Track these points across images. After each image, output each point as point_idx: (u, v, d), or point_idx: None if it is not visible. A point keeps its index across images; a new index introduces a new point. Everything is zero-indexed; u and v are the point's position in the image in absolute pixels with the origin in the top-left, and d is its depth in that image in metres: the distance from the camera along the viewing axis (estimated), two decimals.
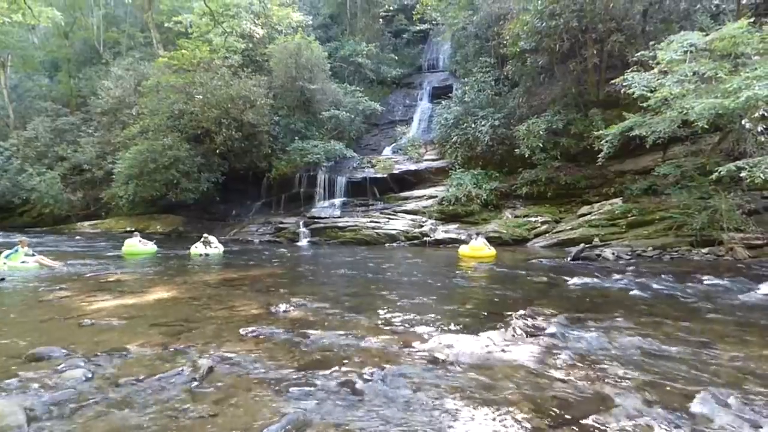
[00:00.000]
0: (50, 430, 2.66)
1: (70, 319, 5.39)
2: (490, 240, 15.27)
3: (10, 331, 4.77)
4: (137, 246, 13.07)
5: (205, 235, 14.01)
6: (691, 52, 10.82)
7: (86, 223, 24.44)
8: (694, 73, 10.50)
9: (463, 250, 12.52)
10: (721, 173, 10.16)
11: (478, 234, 13.36)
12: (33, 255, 9.68)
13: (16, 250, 9.58)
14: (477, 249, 12.00)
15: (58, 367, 3.59)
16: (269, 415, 2.85)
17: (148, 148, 20.50)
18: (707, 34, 10.98)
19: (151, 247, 13.32)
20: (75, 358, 3.85)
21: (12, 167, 26.08)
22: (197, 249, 12.99)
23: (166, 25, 24.96)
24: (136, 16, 32.01)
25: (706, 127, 10.12)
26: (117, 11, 33.24)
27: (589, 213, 14.57)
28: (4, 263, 9.29)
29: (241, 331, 4.78)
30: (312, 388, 3.27)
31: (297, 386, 3.31)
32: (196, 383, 3.33)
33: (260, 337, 4.61)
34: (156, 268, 10.31)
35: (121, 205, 22.31)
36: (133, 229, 18.15)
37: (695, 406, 3.08)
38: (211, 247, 13.20)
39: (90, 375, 3.47)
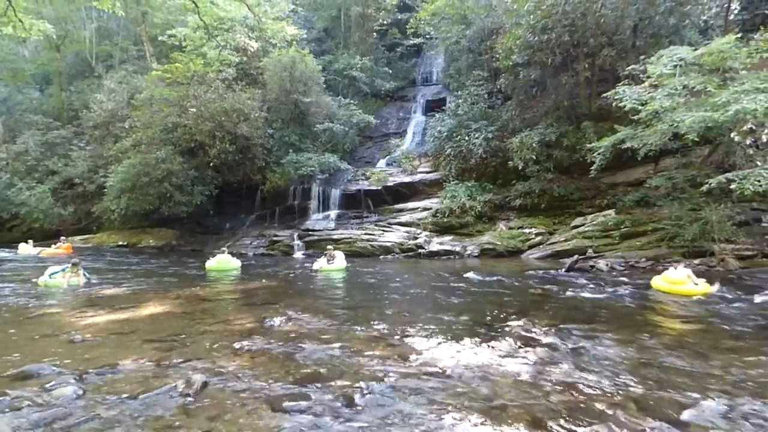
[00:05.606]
0: None
1: (61, 335, 5.29)
2: (484, 252, 15.33)
3: None
4: (231, 261, 12.86)
5: (330, 247, 13.40)
6: (680, 66, 11.00)
7: (77, 238, 24.11)
8: (684, 87, 10.65)
9: (656, 282, 8.85)
10: (712, 185, 10.25)
11: (682, 264, 9.60)
12: (85, 276, 9.73)
13: (65, 270, 9.53)
14: (676, 282, 8.31)
15: (48, 385, 3.52)
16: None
17: (141, 161, 20.36)
18: (696, 49, 11.16)
19: (237, 262, 13.15)
20: (65, 375, 3.77)
21: (1, 182, 25.78)
22: (318, 263, 12.45)
23: (159, 38, 24.99)
24: (129, 29, 31.99)
25: (696, 139, 10.25)
26: (110, 24, 33.11)
27: (583, 224, 14.64)
28: (46, 281, 9.31)
29: (236, 345, 4.72)
30: (308, 403, 3.23)
31: (293, 401, 3.26)
32: (190, 399, 3.28)
33: (255, 351, 4.55)
34: (150, 282, 10.18)
35: (113, 219, 22.02)
36: (125, 243, 17.91)
37: (690, 416, 3.09)
38: (330, 263, 12.33)
39: (81, 392, 3.40)
